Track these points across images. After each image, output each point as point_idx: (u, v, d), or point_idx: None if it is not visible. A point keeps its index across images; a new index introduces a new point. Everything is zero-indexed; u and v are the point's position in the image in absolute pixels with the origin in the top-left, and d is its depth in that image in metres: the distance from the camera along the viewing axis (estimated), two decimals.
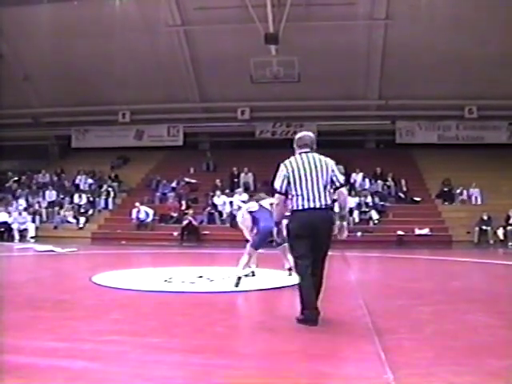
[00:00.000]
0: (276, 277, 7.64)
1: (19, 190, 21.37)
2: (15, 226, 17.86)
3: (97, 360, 3.66)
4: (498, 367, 3.51)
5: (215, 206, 18.97)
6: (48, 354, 3.78)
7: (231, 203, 18.83)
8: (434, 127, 22.50)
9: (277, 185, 4.86)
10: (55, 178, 22.59)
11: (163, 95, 22.44)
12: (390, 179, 20.04)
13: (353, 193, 18.39)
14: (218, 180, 20.52)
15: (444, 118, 22.28)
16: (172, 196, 20.44)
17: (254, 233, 7.25)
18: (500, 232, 16.70)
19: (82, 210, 19.88)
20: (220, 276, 7.83)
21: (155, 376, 3.33)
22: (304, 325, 4.59)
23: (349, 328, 4.49)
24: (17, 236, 17.65)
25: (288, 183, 4.78)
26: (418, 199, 19.36)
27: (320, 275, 4.79)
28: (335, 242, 4.92)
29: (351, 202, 17.31)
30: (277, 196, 4.89)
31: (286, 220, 5.02)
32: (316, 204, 4.71)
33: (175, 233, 17.80)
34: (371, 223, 17.86)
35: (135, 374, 3.37)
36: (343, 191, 4.89)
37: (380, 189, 19.84)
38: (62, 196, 20.84)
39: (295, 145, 4.99)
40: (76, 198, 20.53)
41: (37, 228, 18.50)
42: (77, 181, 22.01)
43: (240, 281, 6.78)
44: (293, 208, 4.82)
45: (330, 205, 4.78)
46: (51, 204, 20.42)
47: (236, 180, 20.88)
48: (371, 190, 19.37)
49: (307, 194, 4.72)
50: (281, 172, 4.85)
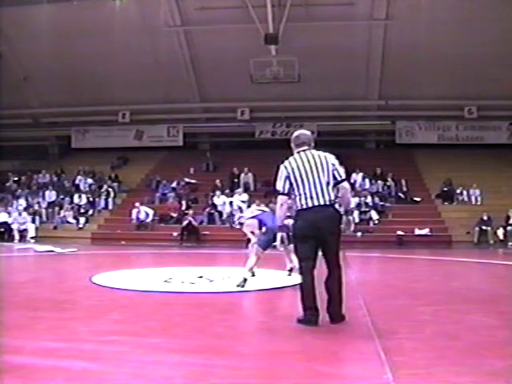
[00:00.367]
0: (276, 277, 7.64)
1: (19, 191, 21.37)
2: (15, 227, 17.86)
3: (96, 360, 3.66)
4: (498, 367, 3.51)
5: (215, 207, 18.97)
6: (48, 354, 3.77)
7: (231, 203, 18.85)
8: (434, 127, 22.51)
9: (279, 186, 4.81)
10: (55, 179, 22.58)
11: (163, 95, 22.45)
12: (390, 179, 20.04)
13: (352, 193, 18.38)
14: (218, 180, 20.51)
15: (444, 119, 22.29)
16: (172, 196, 20.44)
17: (263, 232, 7.37)
18: (500, 232, 16.70)
19: (82, 211, 19.88)
20: (220, 276, 7.82)
21: (155, 376, 3.32)
22: (304, 325, 4.59)
23: (349, 328, 4.49)
24: (17, 236, 17.65)
25: (290, 184, 4.73)
26: (418, 199, 19.36)
27: (338, 277, 4.67)
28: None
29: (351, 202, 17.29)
30: (280, 197, 4.84)
31: (291, 220, 5.01)
32: (320, 201, 4.64)
33: (175, 233, 17.79)
34: (371, 223, 17.86)
35: (135, 375, 3.37)
36: (345, 185, 4.85)
37: (380, 189, 19.85)
38: (62, 196, 20.82)
39: (292, 144, 4.95)
40: (76, 199, 20.53)
41: (37, 228, 18.49)
42: (77, 181, 21.99)
43: (245, 282, 6.79)
44: (297, 208, 4.77)
45: (334, 201, 4.71)
46: (51, 204, 20.42)
47: (236, 180, 20.88)
48: (371, 190, 19.37)
49: (310, 193, 4.66)
50: (281, 173, 4.80)
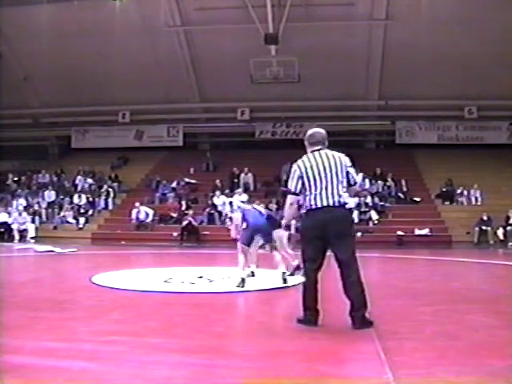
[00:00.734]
0: (276, 277, 7.64)
1: (19, 191, 21.36)
2: (15, 227, 17.86)
3: (96, 360, 3.66)
4: (498, 367, 3.51)
5: (215, 207, 18.97)
6: (48, 354, 3.77)
7: (231, 203, 18.84)
8: (434, 127, 22.51)
9: (291, 185, 4.72)
10: (55, 179, 22.58)
11: (163, 95, 22.44)
12: (390, 179, 20.04)
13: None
14: (218, 180, 20.51)
15: (444, 119, 22.28)
16: (172, 196, 20.43)
17: (243, 228, 7.52)
18: (500, 232, 16.70)
19: (82, 211, 19.87)
20: (220, 276, 7.82)
21: (155, 376, 3.32)
22: (304, 325, 4.59)
23: (349, 328, 4.49)
24: (17, 236, 17.65)
25: (302, 184, 4.64)
26: (418, 199, 19.36)
27: (357, 280, 4.50)
28: None
29: (351, 203, 17.32)
30: (290, 197, 4.78)
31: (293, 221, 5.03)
32: (329, 202, 4.56)
33: (175, 233, 17.79)
34: (371, 223, 17.85)
35: (135, 375, 3.37)
36: (356, 188, 4.87)
37: (380, 189, 19.85)
38: (62, 196, 20.82)
39: (306, 143, 4.84)
40: (76, 199, 20.52)
41: (37, 228, 18.48)
42: (77, 181, 21.99)
43: (244, 283, 6.80)
44: (306, 207, 4.68)
45: (345, 202, 4.62)
46: (51, 204, 20.41)
47: (236, 180, 20.88)
48: (371, 191, 19.37)
49: (321, 193, 4.57)
50: (294, 172, 4.69)
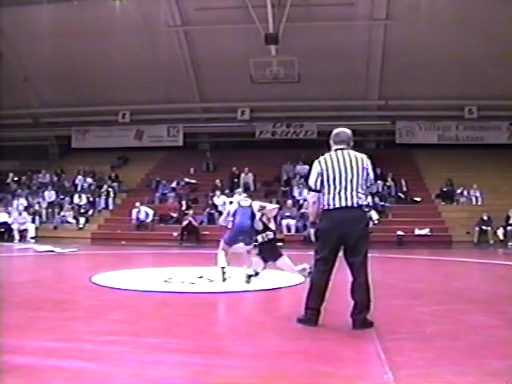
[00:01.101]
0: (276, 277, 7.64)
1: (19, 190, 21.35)
2: (15, 227, 17.85)
3: (96, 360, 3.66)
4: (498, 367, 3.51)
5: (215, 207, 18.95)
6: (48, 354, 3.77)
7: (231, 203, 18.80)
8: (434, 127, 22.51)
9: (311, 182, 4.70)
10: (55, 179, 22.58)
11: (163, 95, 22.45)
12: (390, 179, 20.03)
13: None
14: (218, 180, 20.51)
15: (444, 119, 22.28)
16: (172, 196, 20.43)
17: (229, 227, 7.58)
18: (500, 232, 16.69)
19: (82, 211, 19.87)
20: (220, 276, 7.81)
21: (155, 376, 3.32)
22: (304, 324, 4.59)
23: (349, 328, 4.49)
24: (17, 236, 17.63)
25: (321, 181, 4.61)
26: (418, 199, 19.36)
27: (365, 282, 4.51)
28: None
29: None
30: (312, 194, 4.74)
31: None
32: (348, 203, 4.52)
33: (175, 233, 17.78)
34: (371, 223, 17.80)
35: (135, 375, 3.37)
36: (371, 189, 4.86)
37: (380, 189, 19.84)
38: (62, 196, 20.82)
39: (331, 141, 4.79)
40: (76, 199, 20.52)
41: (37, 228, 18.47)
42: (77, 181, 21.99)
43: (225, 275, 6.92)
44: (324, 207, 4.64)
45: (363, 204, 4.58)
46: (51, 204, 20.41)
47: (236, 180, 20.87)
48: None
49: (339, 193, 4.53)
50: (315, 169, 4.65)
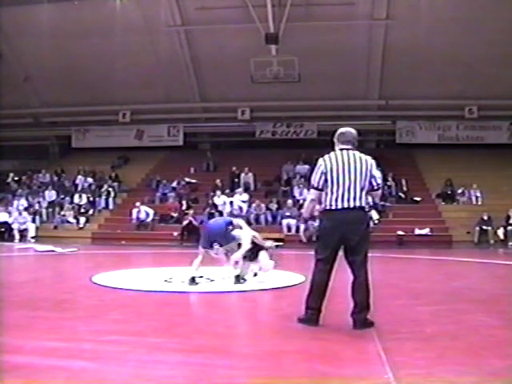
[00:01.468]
0: (276, 277, 7.64)
1: (19, 190, 21.34)
2: (15, 226, 17.85)
3: (97, 360, 3.66)
4: (499, 367, 3.51)
5: (215, 206, 18.94)
6: (48, 354, 3.77)
7: (231, 203, 18.83)
8: (435, 127, 22.49)
9: (314, 180, 4.66)
10: (55, 178, 22.56)
11: (163, 95, 22.44)
12: (391, 179, 20.02)
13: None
14: (219, 180, 20.50)
15: (444, 118, 22.27)
16: (172, 196, 20.42)
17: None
18: (500, 232, 16.69)
19: (83, 210, 19.86)
20: (220, 276, 7.81)
21: (155, 376, 3.32)
22: (304, 324, 4.58)
23: (349, 328, 4.48)
24: (17, 236, 17.63)
25: (325, 180, 4.58)
26: (419, 199, 19.35)
27: (365, 282, 4.52)
28: None
29: (374, 215, 17.69)
30: (313, 192, 4.71)
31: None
32: (350, 204, 4.51)
33: (175, 233, 17.78)
34: (371, 223, 17.82)
35: (135, 374, 3.37)
36: (378, 193, 4.87)
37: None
38: (62, 196, 20.82)
39: (336, 140, 4.76)
40: (76, 198, 20.52)
41: (37, 228, 18.48)
42: (77, 181, 21.98)
43: (194, 281, 6.91)
44: (325, 207, 4.61)
45: (365, 206, 4.59)
46: (51, 204, 20.41)
47: (236, 180, 20.87)
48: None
49: (342, 194, 4.51)
50: (319, 167, 4.62)
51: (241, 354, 3.89)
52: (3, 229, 17.78)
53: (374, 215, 18.04)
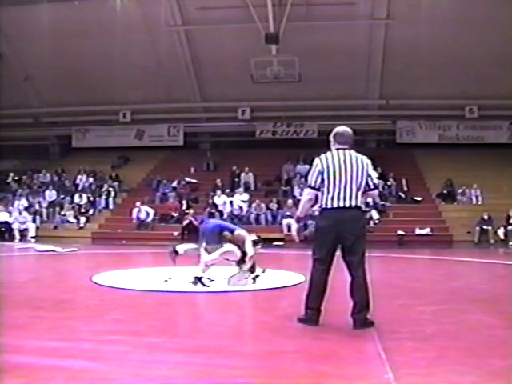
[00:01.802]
0: (276, 277, 7.64)
1: (20, 190, 21.35)
2: (16, 226, 17.85)
3: (97, 360, 3.66)
4: (499, 367, 3.51)
5: (216, 206, 18.96)
6: (48, 354, 3.77)
7: (232, 203, 18.84)
8: (435, 127, 22.50)
9: (311, 180, 4.66)
10: (56, 178, 22.57)
11: (164, 95, 22.45)
12: (391, 179, 20.03)
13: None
14: (219, 180, 20.52)
15: (445, 118, 22.28)
16: (172, 196, 20.43)
17: None
18: (500, 232, 16.70)
19: (83, 210, 19.87)
20: (221, 276, 7.81)
21: (156, 376, 3.32)
22: (304, 324, 4.59)
23: (349, 328, 4.48)
24: (17, 236, 17.62)
25: (322, 179, 4.58)
26: (419, 199, 19.36)
27: (363, 281, 4.51)
28: None
29: (374, 215, 17.90)
30: (309, 191, 4.71)
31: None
32: (346, 203, 4.51)
33: (175, 233, 17.78)
34: (371, 223, 17.83)
35: (136, 374, 3.37)
36: (375, 193, 4.88)
37: (380, 188, 19.80)
38: (63, 196, 20.83)
39: (333, 139, 4.76)
40: (76, 198, 20.53)
41: (37, 228, 18.48)
42: (77, 180, 22.01)
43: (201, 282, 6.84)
44: (321, 206, 4.62)
45: (361, 205, 4.61)
46: (52, 204, 20.42)
47: (236, 180, 20.89)
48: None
49: (338, 193, 4.51)
50: (315, 167, 4.62)
51: (241, 354, 3.89)
52: (3, 228, 17.79)
53: (375, 215, 18.06)
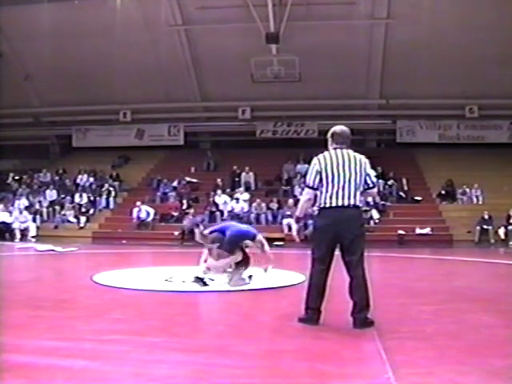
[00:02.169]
0: (277, 277, 7.63)
1: (20, 190, 21.35)
2: (16, 226, 17.85)
3: (97, 359, 3.66)
4: (500, 366, 3.50)
5: (216, 206, 18.96)
6: (48, 353, 3.77)
7: (238, 200, 18.86)
8: (435, 126, 22.48)
9: (309, 180, 4.67)
10: (56, 178, 22.57)
11: (164, 94, 22.45)
12: (391, 179, 20.02)
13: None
14: (219, 179, 20.51)
15: (445, 118, 22.27)
16: (173, 195, 20.43)
17: None
18: (501, 231, 16.70)
19: (83, 210, 19.87)
20: (221, 276, 7.81)
21: (156, 375, 3.32)
22: (305, 324, 4.59)
23: (350, 327, 4.48)
24: (18, 235, 17.64)
25: (320, 179, 4.59)
26: (419, 198, 19.36)
27: (363, 281, 4.50)
28: None
29: (374, 214, 17.90)
30: (307, 191, 4.71)
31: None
32: (344, 202, 4.52)
33: (176, 232, 17.78)
34: (372, 223, 17.83)
35: (136, 374, 3.37)
36: (374, 191, 4.89)
37: (381, 188, 19.81)
38: (63, 195, 20.82)
39: (331, 138, 4.76)
40: (77, 198, 20.53)
41: (38, 227, 18.50)
42: (78, 180, 22.01)
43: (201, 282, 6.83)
44: (320, 205, 4.63)
45: (359, 205, 4.62)
46: (52, 203, 20.41)
47: (237, 179, 20.88)
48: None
49: (336, 192, 4.53)
50: (313, 166, 4.63)
51: (241, 354, 3.89)
52: (4, 228, 17.80)
53: (375, 214, 18.06)
